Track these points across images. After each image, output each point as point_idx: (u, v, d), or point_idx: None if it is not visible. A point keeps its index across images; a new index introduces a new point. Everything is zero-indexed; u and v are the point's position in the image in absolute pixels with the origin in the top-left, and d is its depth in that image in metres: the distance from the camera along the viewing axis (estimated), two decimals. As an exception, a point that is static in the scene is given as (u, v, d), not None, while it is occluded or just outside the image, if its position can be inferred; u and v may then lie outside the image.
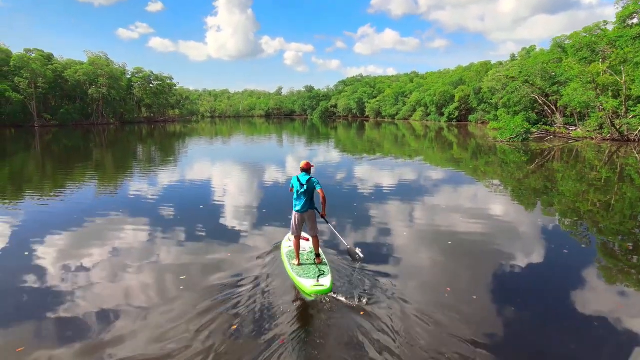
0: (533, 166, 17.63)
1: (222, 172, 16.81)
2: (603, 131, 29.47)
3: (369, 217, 9.24)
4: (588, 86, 28.64)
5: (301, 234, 5.95)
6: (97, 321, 4.61)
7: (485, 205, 10.53)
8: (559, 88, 35.48)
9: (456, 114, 65.06)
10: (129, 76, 74.66)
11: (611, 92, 29.58)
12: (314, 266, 5.72)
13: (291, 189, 5.83)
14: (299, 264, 5.78)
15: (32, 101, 53.12)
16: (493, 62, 63.99)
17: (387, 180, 14.18)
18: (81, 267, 6.22)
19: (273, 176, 15.37)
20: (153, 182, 14.04)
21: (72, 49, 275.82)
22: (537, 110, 40.61)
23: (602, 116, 28.79)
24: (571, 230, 8.45)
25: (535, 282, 5.82)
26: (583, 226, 8.76)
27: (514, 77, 40.86)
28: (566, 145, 26.90)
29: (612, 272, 6.19)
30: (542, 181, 14.21)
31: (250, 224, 8.64)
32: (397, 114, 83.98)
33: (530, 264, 6.41)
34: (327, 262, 5.89)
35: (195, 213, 9.64)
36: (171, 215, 9.37)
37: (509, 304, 5.05)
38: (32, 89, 52.60)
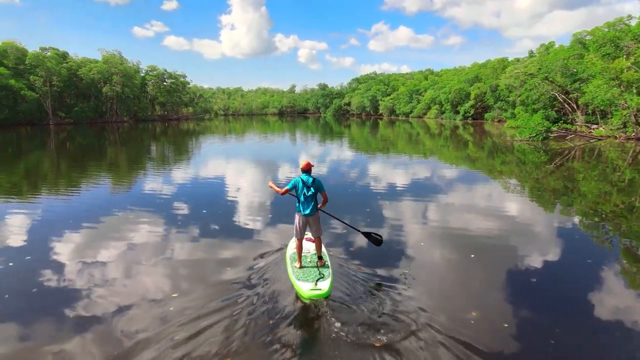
0: (556, 166, 17.03)
1: (235, 170, 16.76)
2: (627, 130, 28.39)
3: (382, 218, 8.99)
4: (612, 83, 27.60)
5: (304, 236, 5.81)
6: (100, 314, 4.55)
7: (505, 208, 10.10)
8: (581, 85, 34.34)
9: (472, 111, 63.82)
10: (142, 74, 75.23)
11: (636, 89, 28.45)
12: (315, 269, 5.53)
13: (287, 190, 5.60)
14: (301, 266, 5.63)
15: (47, 99, 53.95)
16: (510, 59, 62.50)
17: (400, 179, 13.87)
18: (94, 261, 6.31)
19: (286, 174, 15.20)
20: (166, 180, 14.10)
21: (89, 47, 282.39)
22: (556, 108, 39.47)
23: (626, 114, 27.73)
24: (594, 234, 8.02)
25: (572, 307, 4.99)
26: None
27: (532, 74, 39.74)
28: (588, 144, 26.02)
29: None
30: (570, 182, 13.67)
31: (259, 223, 8.51)
32: (411, 111, 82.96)
33: (563, 284, 5.69)
34: (329, 265, 5.70)
35: (205, 211, 9.55)
36: (183, 213, 9.31)
37: (541, 330, 4.44)
38: (47, 87, 53.42)
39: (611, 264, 6.35)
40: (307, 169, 5.59)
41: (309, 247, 6.23)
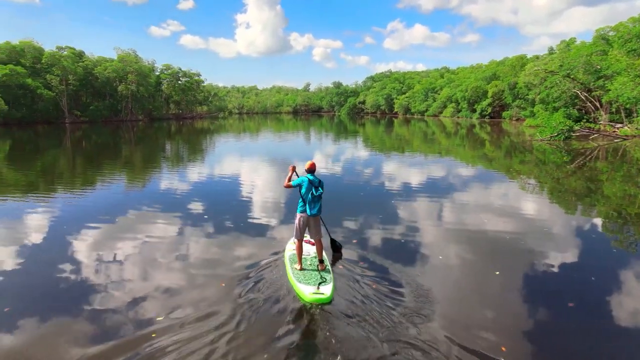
0: (577, 166, 16.40)
1: (249, 169, 16.74)
2: (654, 129, 27.33)
3: (396, 218, 8.74)
4: (637, 80, 26.57)
5: (304, 237, 5.72)
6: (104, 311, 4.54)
7: (528, 212, 9.69)
8: (605, 82, 33.13)
9: (489, 110, 62.54)
10: (157, 73, 75.71)
11: (664, 87, 27.31)
12: (316, 272, 5.39)
13: (291, 186, 5.67)
14: (301, 268, 5.51)
15: (63, 98, 54.67)
16: (529, 56, 60.98)
17: (415, 179, 13.56)
18: (108, 257, 6.40)
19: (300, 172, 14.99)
20: (179, 179, 14.18)
21: (106, 47, 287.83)
22: (578, 107, 38.25)
23: (652, 113, 26.68)
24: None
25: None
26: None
27: (553, 71, 38.59)
28: (612, 144, 25.09)
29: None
30: (593, 183, 13.12)
31: (268, 222, 8.40)
32: (426, 110, 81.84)
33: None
34: (330, 269, 5.54)
35: (217, 210, 9.48)
36: (196, 211, 9.29)
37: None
38: (63, 85, 54.17)
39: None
40: (312, 170, 5.57)
41: (308, 249, 6.10)
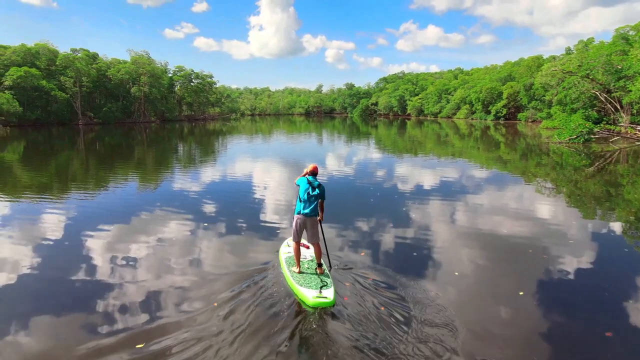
0: (597, 169, 15.84)
1: (260, 170, 16.65)
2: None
3: (409, 221, 8.48)
4: (660, 81, 25.67)
5: (301, 240, 5.64)
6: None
7: (552, 221, 9.29)
8: (625, 83, 32.13)
9: (504, 111, 61.52)
10: (170, 74, 76.30)
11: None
12: (316, 276, 5.30)
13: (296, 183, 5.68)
14: (300, 271, 5.43)
15: (77, 99, 55.24)
16: (545, 57, 59.75)
17: (428, 181, 13.25)
18: (122, 255, 6.42)
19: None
20: (193, 180, 14.18)
21: (121, 49, 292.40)
22: (597, 108, 37.24)
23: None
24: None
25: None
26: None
27: (571, 72, 37.63)
28: (634, 147, 24.25)
29: None
30: (613, 187, 12.61)
31: (276, 224, 8.19)
32: (440, 111, 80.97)
33: None
34: (329, 273, 5.46)
35: (225, 211, 9.39)
36: (204, 212, 9.21)
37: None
38: (77, 87, 54.83)
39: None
40: (314, 173, 5.60)
41: (304, 252, 6.06)
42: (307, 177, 5.54)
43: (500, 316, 4.68)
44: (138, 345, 4.01)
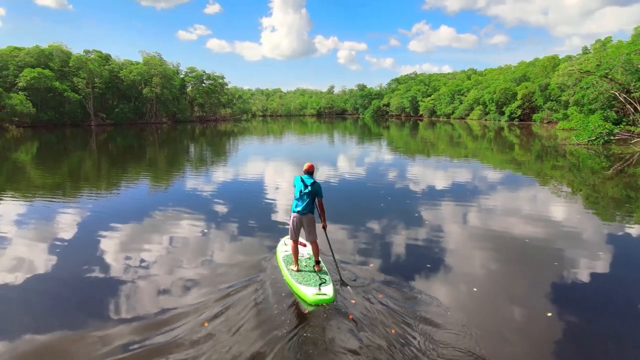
0: (615, 172, 15.30)
1: (271, 171, 16.56)
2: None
3: (421, 222, 8.24)
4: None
5: (299, 238, 5.62)
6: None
7: (577, 230, 8.96)
8: (646, 83, 31.16)
9: (518, 112, 60.38)
10: (182, 75, 76.67)
11: None
12: (314, 274, 5.34)
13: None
14: (298, 270, 5.45)
15: (90, 101, 55.65)
16: (561, 57, 58.50)
17: (441, 186, 12.96)
18: (134, 253, 6.43)
19: (323, 177, 14.70)
20: (205, 181, 14.17)
21: (135, 51, 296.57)
22: (615, 109, 36.20)
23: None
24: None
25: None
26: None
27: (589, 71, 36.67)
28: (654, 148, 23.44)
29: None
30: (634, 191, 12.15)
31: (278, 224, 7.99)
32: (452, 112, 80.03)
33: None
34: (327, 270, 5.47)
35: (230, 210, 9.30)
36: (212, 212, 9.14)
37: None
38: (90, 88, 55.26)
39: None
40: (309, 172, 5.60)
41: (302, 251, 6.05)
42: (301, 176, 5.55)
43: (529, 345, 4.09)
44: (142, 338, 4.07)
